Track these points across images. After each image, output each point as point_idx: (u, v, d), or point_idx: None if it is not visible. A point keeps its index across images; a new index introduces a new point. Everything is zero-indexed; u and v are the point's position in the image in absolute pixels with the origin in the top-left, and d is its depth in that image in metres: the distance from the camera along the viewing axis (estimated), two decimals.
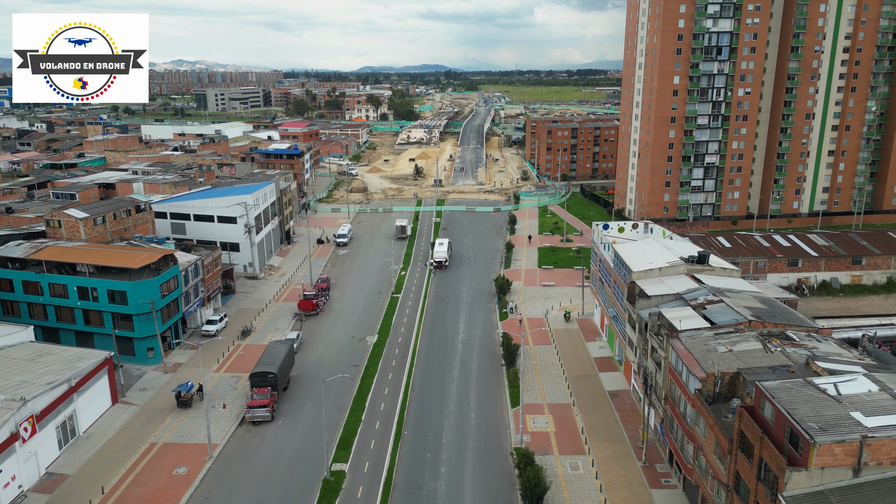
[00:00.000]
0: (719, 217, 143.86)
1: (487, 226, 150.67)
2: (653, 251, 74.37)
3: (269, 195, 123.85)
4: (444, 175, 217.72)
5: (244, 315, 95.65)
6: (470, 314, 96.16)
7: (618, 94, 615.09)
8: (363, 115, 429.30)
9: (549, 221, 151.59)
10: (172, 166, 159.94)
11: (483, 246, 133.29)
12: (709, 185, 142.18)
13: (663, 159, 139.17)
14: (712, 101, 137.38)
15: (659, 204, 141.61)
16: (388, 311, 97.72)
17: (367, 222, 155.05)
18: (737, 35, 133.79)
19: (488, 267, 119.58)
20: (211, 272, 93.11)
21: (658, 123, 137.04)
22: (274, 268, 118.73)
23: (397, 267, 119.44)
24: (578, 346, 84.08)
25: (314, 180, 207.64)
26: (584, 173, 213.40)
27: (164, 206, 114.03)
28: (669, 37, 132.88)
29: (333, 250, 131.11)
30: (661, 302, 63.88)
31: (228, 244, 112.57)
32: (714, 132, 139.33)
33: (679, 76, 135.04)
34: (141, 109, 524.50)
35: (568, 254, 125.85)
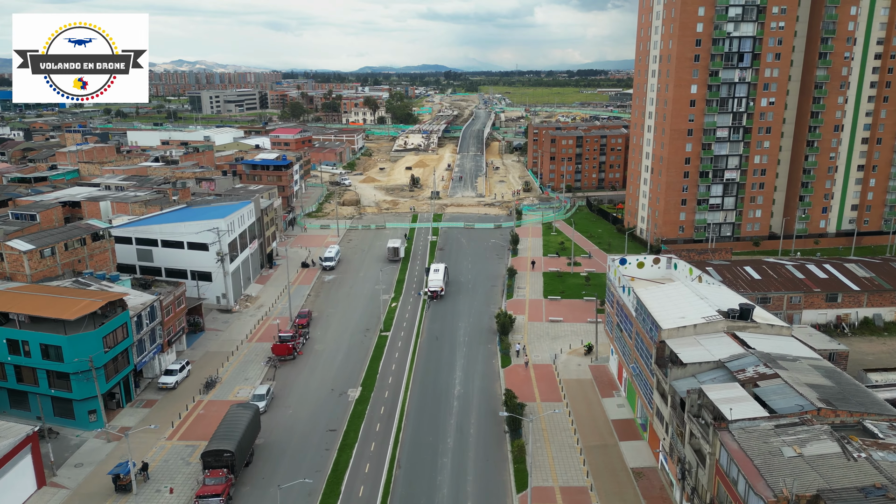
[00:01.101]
0: (740, 238, 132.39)
1: (487, 245, 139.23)
2: (683, 299, 62.94)
3: (247, 216, 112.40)
4: (441, 186, 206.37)
5: (211, 360, 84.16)
6: (468, 359, 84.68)
7: (620, 97, 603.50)
8: (360, 118, 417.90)
9: (555, 241, 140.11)
10: (148, 180, 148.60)
11: (483, 270, 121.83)
12: (728, 203, 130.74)
13: (679, 175, 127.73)
14: (733, 111, 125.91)
15: (674, 223, 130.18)
16: (375, 354, 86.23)
17: (357, 241, 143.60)
18: (760, 40, 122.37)
19: (488, 296, 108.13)
20: (172, 313, 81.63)
21: (674, 136, 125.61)
22: (251, 298, 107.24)
23: (388, 296, 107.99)
24: (593, 403, 72.59)
25: (304, 191, 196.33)
26: (590, 184, 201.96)
27: (128, 230, 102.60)
28: (686, 42, 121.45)
29: (319, 275, 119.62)
30: (698, 371, 52.44)
31: (199, 273, 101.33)
32: (735, 146, 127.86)
33: (697, 85, 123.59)
34: (134, 112, 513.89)
35: (576, 280, 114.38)
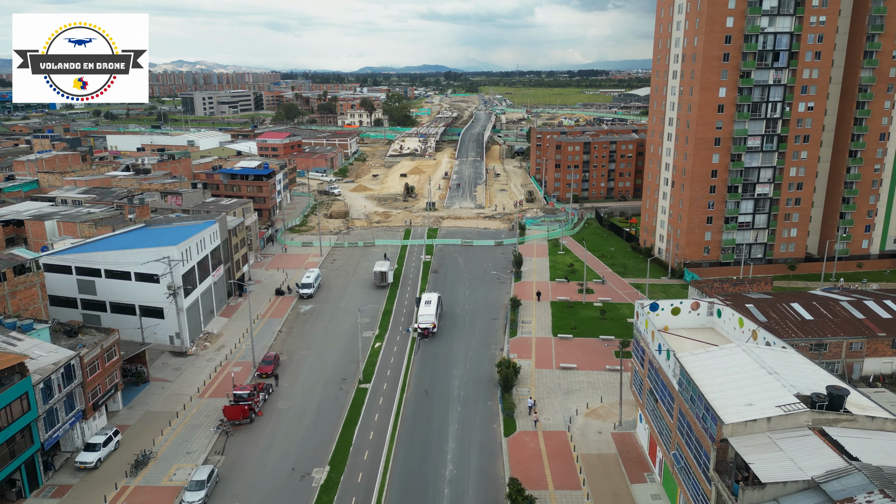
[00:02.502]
0: (772, 260, 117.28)
1: (487, 266, 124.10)
2: (745, 374, 47.80)
3: (210, 239, 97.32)
4: (438, 195, 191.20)
5: (150, 424, 69.07)
6: (464, 422, 69.53)
7: (624, 98, 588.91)
8: (356, 120, 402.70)
9: (563, 262, 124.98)
10: (110, 193, 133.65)
11: (482, 298, 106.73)
12: (760, 220, 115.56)
13: (704, 190, 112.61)
14: (766, 118, 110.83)
15: (698, 244, 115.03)
16: (351, 416, 71.05)
17: (342, 261, 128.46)
18: (798, 37, 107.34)
19: (488, 333, 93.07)
20: (100, 369, 66.53)
21: (699, 146, 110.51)
22: (212, 336, 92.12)
23: (372, 333, 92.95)
24: (620, 492, 57.48)
25: (289, 202, 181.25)
26: (598, 194, 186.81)
27: (67, 257, 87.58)
28: (715, 39, 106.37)
29: (294, 305, 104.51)
30: (782, 494, 37.38)
31: (149, 309, 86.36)
32: (768, 156, 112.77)
33: (726, 87, 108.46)
34: (124, 114, 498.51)
35: (590, 313, 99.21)
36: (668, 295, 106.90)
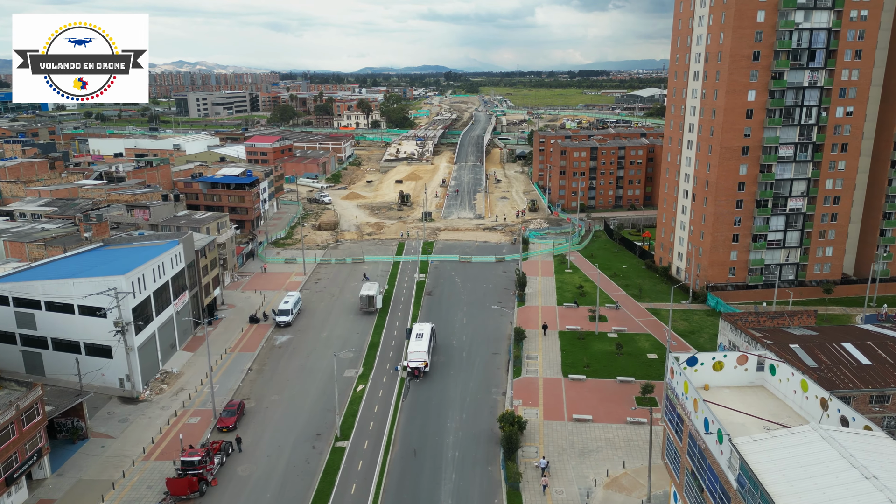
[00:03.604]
0: (805, 282, 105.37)
1: (488, 287, 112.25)
2: (829, 474, 35.88)
3: (172, 263, 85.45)
4: (435, 204, 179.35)
5: (82, 496, 57.21)
6: (458, 497, 57.59)
7: (627, 99, 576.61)
8: (352, 122, 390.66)
9: (571, 282, 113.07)
10: (73, 205, 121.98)
11: (481, 327, 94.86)
12: (792, 238, 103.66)
13: (730, 204, 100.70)
14: (800, 124, 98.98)
15: (723, 264, 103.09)
16: (323, 487, 59.06)
17: (327, 280, 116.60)
18: (837, 33, 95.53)
19: (488, 372, 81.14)
20: (16, 435, 54.61)
21: (724, 155, 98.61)
22: (171, 376, 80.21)
23: (355, 372, 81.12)
24: None
25: (276, 211, 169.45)
26: (606, 203, 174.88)
27: (4, 286, 75.91)
28: (743, 35, 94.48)
29: (270, 335, 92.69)
30: None
31: (95, 347, 74.61)
32: (801, 167, 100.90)
33: (755, 90, 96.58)
34: (116, 115, 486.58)
35: (604, 346, 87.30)
36: (691, 323, 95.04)
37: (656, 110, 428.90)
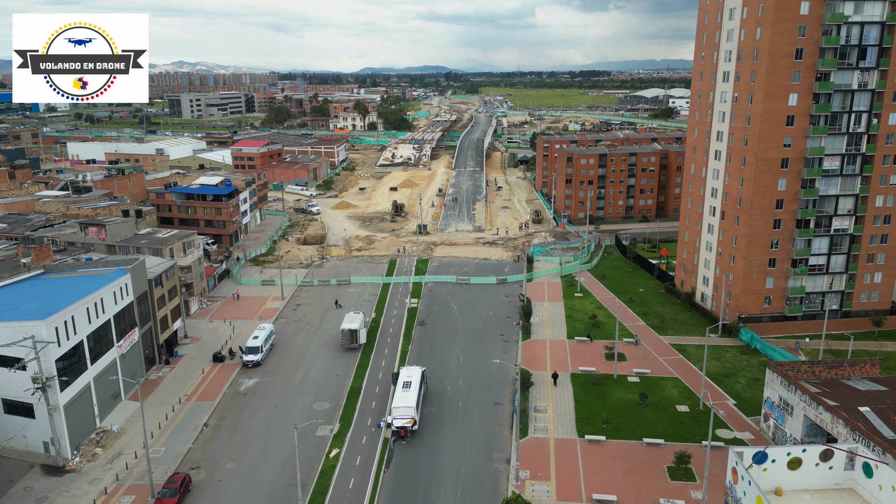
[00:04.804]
0: (850, 312, 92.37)
1: (488, 315, 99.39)
2: None
3: (116, 298, 72.47)
4: (431, 214, 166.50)
5: None
6: None
7: (631, 99, 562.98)
8: (348, 124, 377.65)
9: (582, 309, 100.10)
10: (25, 221, 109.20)
11: (480, 368, 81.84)
12: (836, 263, 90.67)
13: (767, 224, 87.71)
14: (847, 132, 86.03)
15: (757, 293, 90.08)
16: None
17: (307, 307, 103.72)
18: (891, 28, 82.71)
19: (489, 430, 68.13)
20: None
21: (760, 168, 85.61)
22: (109, 436, 67.19)
23: (329, 430, 68.13)
24: None
25: (259, 222, 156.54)
26: (615, 213, 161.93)
27: None
28: (785, 30, 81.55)
29: (235, 379, 79.76)
30: None
31: (14, 405, 61.71)
32: (848, 182, 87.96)
33: (798, 93, 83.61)
34: (107, 116, 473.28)
35: (624, 394, 74.25)
36: (723, 363, 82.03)
37: (661, 111, 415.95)
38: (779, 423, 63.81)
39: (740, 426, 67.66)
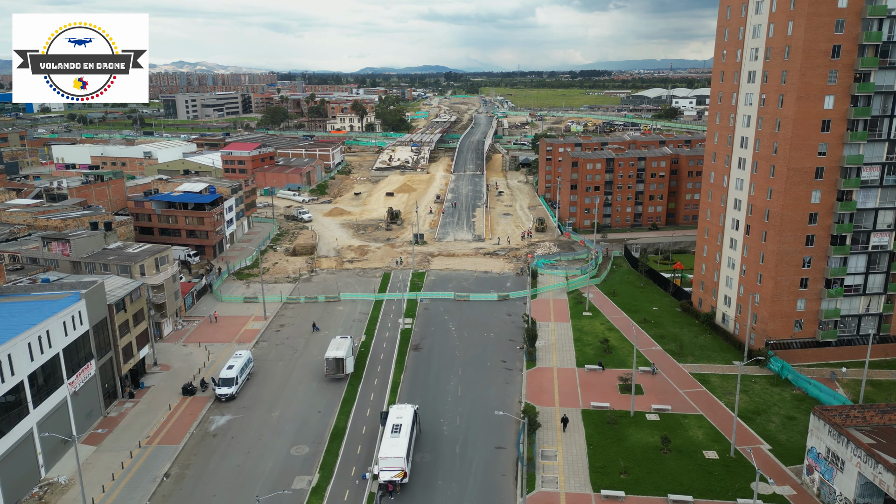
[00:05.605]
0: (888, 337, 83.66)
1: (489, 338, 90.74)
2: None
3: (67, 327, 63.80)
4: (429, 222, 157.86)
5: None
6: None
7: (633, 100, 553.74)
8: (346, 125, 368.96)
9: (592, 331, 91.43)
10: None
11: (481, 404, 73.12)
12: (874, 283, 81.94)
13: (799, 241, 79.01)
14: (889, 139, 77.33)
15: (787, 317, 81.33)
16: None
17: (292, 328, 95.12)
18: None
19: (488, 482, 59.47)
20: None
21: (792, 179, 76.93)
22: (55, 488, 58.51)
23: (307, 482, 59.46)
24: None
25: (247, 231, 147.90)
26: (623, 221, 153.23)
27: None
28: (821, 24, 72.86)
29: (205, 416, 71.11)
30: None
31: None
32: (889, 193, 79.23)
33: (834, 96, 74.93)
34: (101, 117, 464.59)
35: (643, 437, 65.55)
36: (752, 397, 73.27)
37: (665, 112, 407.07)
38: (825, 479, 55.18)
39: (780, 478, 58.97)
